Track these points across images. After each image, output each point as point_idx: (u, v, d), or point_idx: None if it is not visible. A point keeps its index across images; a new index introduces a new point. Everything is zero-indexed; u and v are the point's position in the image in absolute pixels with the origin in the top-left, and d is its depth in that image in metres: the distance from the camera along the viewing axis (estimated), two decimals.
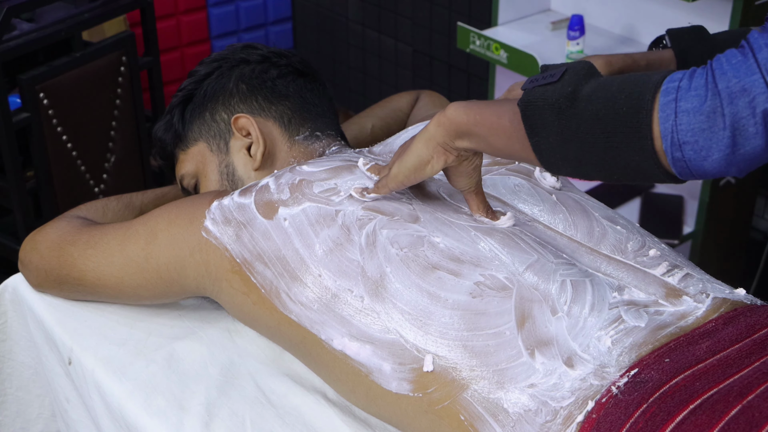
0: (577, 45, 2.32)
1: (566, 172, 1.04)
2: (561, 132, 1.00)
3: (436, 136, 1.14)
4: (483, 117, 1.09)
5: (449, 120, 1.12)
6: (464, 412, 1.08)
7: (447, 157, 1.15)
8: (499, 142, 1.08)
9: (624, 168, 0.98)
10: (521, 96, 1.04)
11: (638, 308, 1.12)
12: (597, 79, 1.00)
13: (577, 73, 1.01)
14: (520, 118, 1.04)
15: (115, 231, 1.33)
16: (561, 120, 1.00)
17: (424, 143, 1.15)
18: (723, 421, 0.96)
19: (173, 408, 1.26)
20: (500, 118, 1.07)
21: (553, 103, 1.00)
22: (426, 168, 1.16)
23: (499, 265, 1.15)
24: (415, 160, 1.16)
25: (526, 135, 1.04)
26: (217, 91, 1.44)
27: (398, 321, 1.13)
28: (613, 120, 0.97)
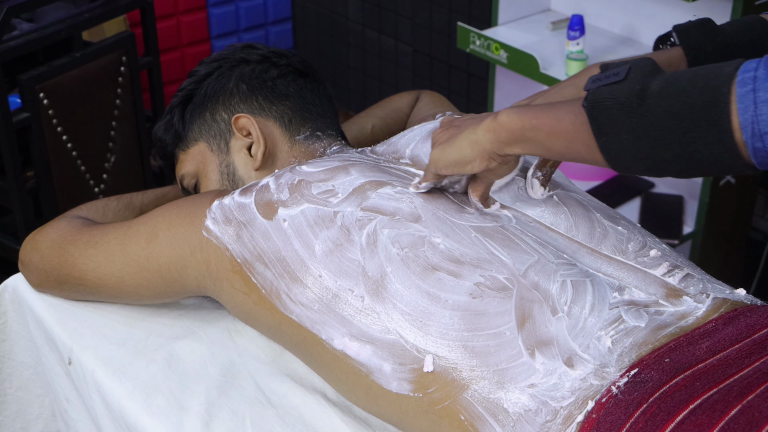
0: (577, 45, 2.32)
1: (637, 171, 1.02)
2: (633, 130, 0.99)
3: (484, 142, 1.12)
4: (540, 121, 1.07)
5: (501, 126, 1.10)
6: (464, 412, 1.08)
7: (490, 162, 1.14)
8: (558, 145, 1.07)
9: (701, 162, 0.97)
10: (585, 96, 1.02)
11: (638, 308, 1.12)
12: (663, 75, 0.99)
13: (642, 70, 1.00)
14: (584, 120, 1.03)
15: (115, 230, 1.33)
16: (632, 118, 0.99)
17: (469, 144, 1.14)
18: (723, 421, 0.96)
19: (173, 408, 1.26)
20: (560, 121, 1.06)
21: (623, 102, 0.99)
22: (466, 167, 1.16)
23: (500, 266, 1.15)
24: (456, 156, 1.16)
25: (591, 136, 1.02)
26: (217, 91, 1.44)
27: (398, 321, 1.13)
28: (689, 115, 0.95)
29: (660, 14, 2.41)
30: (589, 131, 1.02)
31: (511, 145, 1.11)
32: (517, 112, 1.09)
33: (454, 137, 1.16)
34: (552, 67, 2.34)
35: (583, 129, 1.03)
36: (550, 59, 2.37)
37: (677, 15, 2.35)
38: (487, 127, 1.11)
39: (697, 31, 1.27)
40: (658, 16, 2.42)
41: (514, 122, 1.09)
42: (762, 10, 2.04)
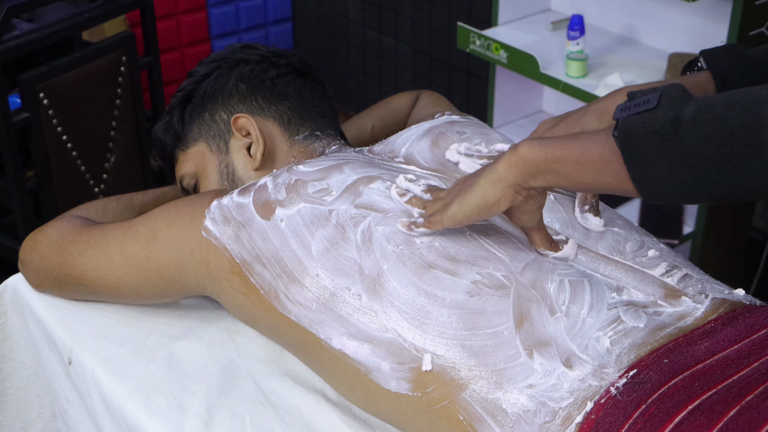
0: (577, 45, 2.32)
1: (671, 199, 1.00)
2: (668, 159, 0.96)
3: (507, 177, 1.08)
4: (564, 152, 1.04)
5: (523, 159, 1.07)
6: (463, 412, 1.08)
7: (515, 198, 1.10)
8: (585, 176, 1.04)
9: (741, 188, 0.95)
10: (615, 125, 0.99)
11: (637, 309, 1.12)
12: (696, 101, 0.97)
13: (674, 96, 0.98)
14: (613, 149, 1.00)
15: (115, 230, 1.33)
16: (667, 146, 0.96)
17: (491, 184, 1.10)
18: (722, 422, 0.96)
19: (173, 408, 1.26)
20: (586, 151, 1.03)
21: (656, 130, 0.96)
22: (491, 210, 1.11)
23: (497, 264, 1.15)
24: (479, 201, 1.11)
25: (621, 166, 1.00)
26: (216, 91, 1.44)
27: (396, 320, 1.13)
28: (727, 141, 0.94)
29: (660, 14, 2.41)
30: (619, 161, 1.00)
31: (535, 177, 1.07)
32: (539, 144, 1.06)
33: (471, 185, 1.12)
34: (552, 67, 2.34)
35: (612, 159, 1.00)
36: (550, 59, 2.37)
37: (677, 15, 2.35)
38: (508, 161, 1.08)
39: (725, 56, 1.25)
40: (658, 16, 2.42)
41: (537, 154, 1.06)
42: (762, 10, 2.04)
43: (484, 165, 1.16)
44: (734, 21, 2.03)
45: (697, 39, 2.32)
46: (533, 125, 2.71)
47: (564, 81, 2.29)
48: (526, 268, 1.15)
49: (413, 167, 1.34)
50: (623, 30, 2.51)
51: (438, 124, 1.41)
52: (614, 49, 2.44)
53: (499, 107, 2.65)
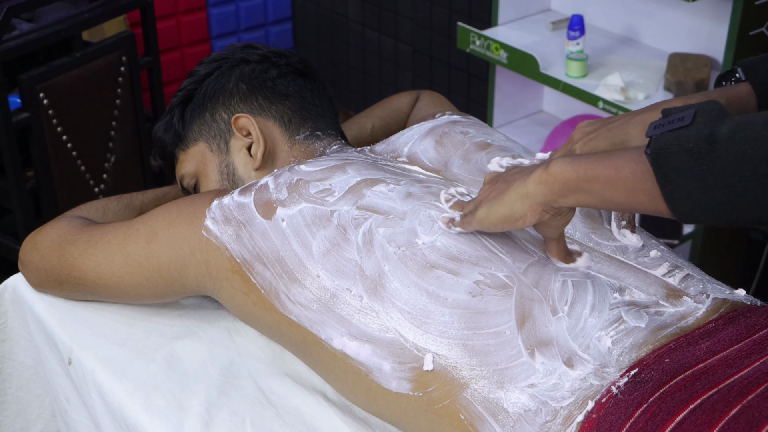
0: (577, 45, 2.32)
1: (705, 220, 0.97)
2: (702, 178, 0.93)
3: (536, 194, 1.07)
4: (596, 171, 1.02)
5: (554, 178, 1.05)
6: (464, 412, 1.08)
7: (542, 215, 1.08)
8: (617, 196, 1.01)
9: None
10: (648, 143, 0.97)
11: (639, 309, 1.12)
12: (732, 119, 0.94)
13: (710, 113, 0.95)
14: (646, 168, 0.97)
15: (115, 230, 1.33)
16: (701, 165, 0.93)
17: (519, 199, 1.08)
18: (723, 421, 0.96)
19: (173, 408, 1.26)
20: (619, 170, 1.00)
21: (690, 148, 0.93)
22: (516, 223, 1.10)
23: (499, 264, 1.15)
24: (506, 212, 1.10)
25: (654, 185, 0.97)
26: (217, 91, 1.44)
27: (397, 320, 1.13)
28: (765, 160, 0.90)
29: (660, 14, 2.41)
30: (652, 180, 0.97)
31: (566, 196, 1.05)
32: (570, 162, 1.04)
33: (502, 193, 1.11)
34: (552, 67, 2.34)
35: (645, 178, 0.98)
36: (550, 59, 2.37)
37: (677, 15, 2.35)
38: (539, 178, 1.06)
39: (763, 66, 1.21)
40: (658, 16, 2.42)
41: (568, 173, 1.04)
42: (762, 10, 2.04)
43: (521, 169, 1.14)
44: (734, 21, 2.03)
45: (697, 39, 2.32)
46: (533, 125, 2.71)
47: (564, 81, 2.29)
48: (529, 268, 1.14)
49: (417, 167, 1.34)
50: (623, 30, 2.51)
51: (440, 123, 1.41)
52: (614, 49, 2.44)
53: (499, 107, 2.65)
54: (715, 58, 2.28)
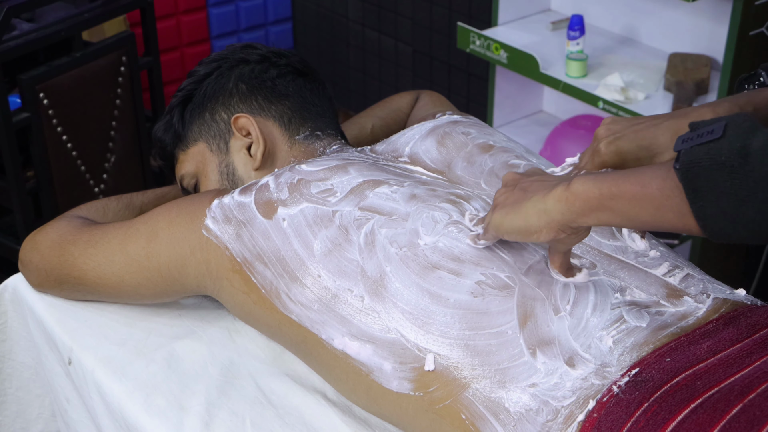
0: (577, 45, 2.32)
1: (737, 237, 0.93)
2: (735, 193, 0.89)
3: (554, 212, 1.03)
4: (621, 189, 0.98)
5: (576, 196, 1.01)
6: (465, 411, 1.08)
7: (558, 234, 1.05)
8: (643, 213, 0.97)
9: None
10: (677, 157, 0.93)
11: (640, 309, 1.12)
12: (764, 131, 0.92)
13: (741, 126, 0.91)
14: (674, 184, 0.93)
15: (115, 230, 1.33)
16: (734, 180, 0.89)
17: (536, 214, 1.05)
18: (724, 420, 0.96)
19: (173, 408, 1.26)
20: (645, 187, 0.96)
21: (723, 161, 0.89)
22: (530, 237, 1.07)
23: (501, 264, 1.15)
24: (521, 225, 1.07)
25: (683, 201, 0.93)
26: (216, 91, 1.44)
27: (399, 320, 1.13)
28: None
29: (660, 14, 2.41)
30: (681, 196, 0.93)
31: (587, 215, 1.01)
32: (593, 180, 1.00)
33: (520, 203, 1.07)
34: (552, 67, 2.34)
35: (673, 194, 0.94)
36: (550, 59, 2.37)
37: (677, 15, 2.35)
38: (559, 196, 1.02)
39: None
40: (658, 16, 2.42)
41: (591, 190, 1.00)
42: (762, 10, 2.04)
43: (542, 178, 1.10)
44: (734, 21, 2.03)
45: (697, 39, 2.32)
46: (533, 125, 2.71)
47: (564, 81, 2.29)
48: (531, 269, 1.14)
49: (419, 168, 1.34)
50: (623, 30, 2.51)
51: (441, 123, 1.41)
52: (614, 49, 2.44)
53: (499, 107, 2.65)
54: (715, 58, 2.28)
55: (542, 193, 1.05)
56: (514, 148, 1.37)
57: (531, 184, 1.09)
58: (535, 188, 1.07)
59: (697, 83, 2.19)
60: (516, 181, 1.12)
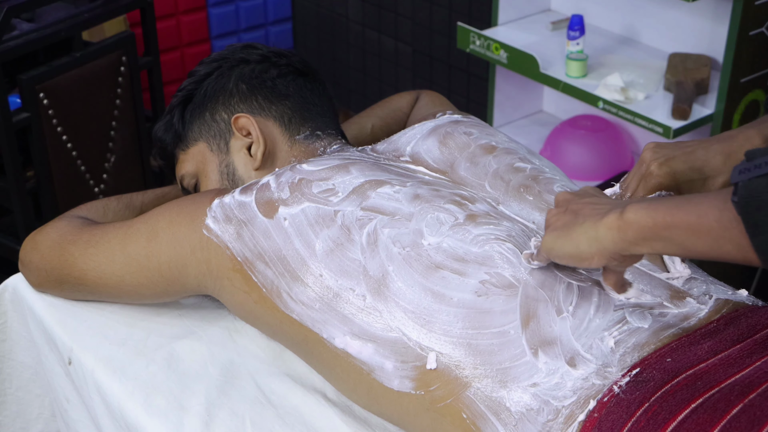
0: (577, 45, 2.32)
1: None
2: None
3: (606, 240, 1.01)
4: (676, 218, 0.96)
5: (629, 225, 0.99)
6: (467, 410, 1.08)
7: (610, 261, 1.03)
8: (700, 244, 0.95)
9: None
10: (735, 190, 0.91)
11: (643, 310, 1.12)
12: None
13: None
14: (733, 216, 0.91)
15: (116, 230, 1.33)
16: None
17: (587, 242, 1.03)
18: (725, 420, 0.96)
19: (173, 408, 1.26)
20: (701, 217, 0.94)
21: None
22: (582, 263, 1.05)
23: (505, 264, 1.14)
24: (572, 251, 1.05)
25: (742, 234, 0.91)
26: (217, 91, 1.44)
27: (401, 319, 1.13)
28: None
29: (660, 14, 2.41)
30: (740, 228, 0.91)
31: (640, 244, 0.99)
32: (646, 208, 0.98)
33: (571, 227, 1.05)
34: (552, 67, 2.34)
35: (732, 226, 0.92)
36: (550, 59, 2.37)
37: (677, 15, 2.35)
38: (611, 224, 1.00)
39: None
40: (658, 16, 2.42)
41: (645, 220, 0.98)
42: (762, 10, 2.04)
43: (594, 201, 1.08)
44: (734, 21, 2.03)
45: (697, 39, 2.32)
46: (533, 125, 2.71)
47: (564, 81, 2.29)
48: (535, 269, 1.14)
49: (421, 167, 1.34)
50: (623, 30, 2.51)
51: (442, 123, 1.41)
52: (614, 49, 2.44)
53: (499, 107, 2.65)
54: (715, 58, 2.28)
55: (594, 219, 1.03)
56: (517, 149, 1.37)
57: (583, 208, 1.06)
58: (587, 213, 1.05)
59: (697, 83, 2.19)
60: (568, 202, 1.10)
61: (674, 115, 2.13)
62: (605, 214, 1.02)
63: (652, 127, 2.13)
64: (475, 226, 1.19)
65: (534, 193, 1.29)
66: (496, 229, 1.19)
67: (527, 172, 1.32)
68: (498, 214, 1.23)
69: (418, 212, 1.20)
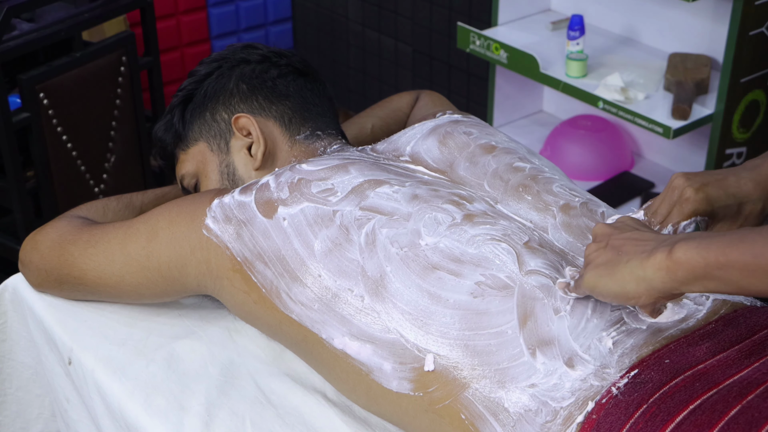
0: (577, 45, 2.32)
1: None
2: None
3: (655, 281, 0.98)
4: (730, 258, 0.93)
5: (679, 265, 0.96)
6: (465, 411, 1.08)
7: (658, 300, 1.01)
8: (756, 283, 0.92)
9: None
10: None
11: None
12: None
13: None
14: None
15: (116, 230, 1.33)
16: None
17: (635, 281, 1.00)
18: (723, 421, 0.96)
19: (173, 408, 1.26)
20: (757, 257, 0.91)
21: None
22: (628, 302, 1.03)
23: (501, 266, 1.14)
24: (618, 291, 1.02)
25: None
26: (217, 91, 1.44)
27: (398, 321, 1.13)
28: None
29: (660, 14, 2.41)
30: None
31: (690, 284, 0.97)
32: (697, 247, 0.95)
33: (615, 266, 1.03)
34: (552, 67, 2.34)
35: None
36: (550, 59, 2.37)
37: (677, 15, 2.35)
38: (659, 264, 0.97)
39: None
40: (658, 16, 2.42)
41: (695, 259, 0.95)
42: (762, 10, 2.04)
43: (637, 236, 1.04)
44: (734, 21, 2.03)
45: (697, 39, 2.32)
46: (533, 125, 2.71)
47: (564, 81, 2.29)
48: (532, 270, 1.14)
49: (420, 167, 1.34)
50: (623, 30, 2.51)
51: (442, 123, 1.41)
52: (614, 49, 2.44)
53: (499, 107, 2.65)
54: (715, 58, 2.28)
55: (640, 258, 1.00)
56: (517, 149, 1.38)
57: (625, 244, 1.04)
58: (631, 251, 1.02)
59: (697, 83, 2.19)
60: (608, 236, 1.07)
61: (674, 115, 2.13)
62: (652, 252, 0.99)
63: (652, 127, 2.13)
64: (471, 226, 1.19)
65: (533, 192, 1.29)
66: (492, 228, 1.19)
67: (526, 171, 1.32)
68: (495, 213, 1.23)
69: (416, 212, 1.20)
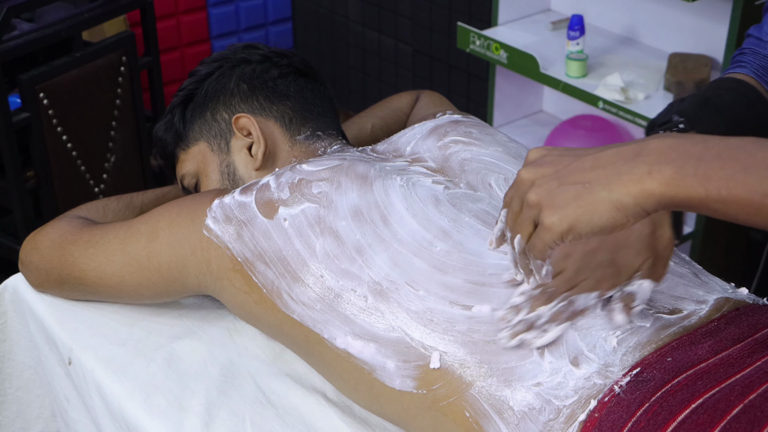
0: (577, 45, 2.32)
1: None
2: None
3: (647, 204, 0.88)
4: (733, 193, 0.85)
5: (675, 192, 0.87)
6: (470, 409, 1.08)
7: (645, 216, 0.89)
8: (759, 221, 0.86)
9: None
10: None
11: (644, 309, 1.12)
12: None
13: None
14: None
15: (116, 230, 1.33)
16: None
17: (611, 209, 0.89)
18: (725, 420, 0.96)
19: (173, 408, 1.26)
20: (765, 197, 0.84)
21: None
22: (615, 230, 0.90)
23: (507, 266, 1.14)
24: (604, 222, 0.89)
25: None
26: (218, 91, 1.44)
27: (404, 320, 1.13)
28: None
29: (660, 14, 2.41)
30: None
31: (683, 208, 0.89)
32: (694, 173, 0.86)
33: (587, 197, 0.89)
34: (552, 67, 2.34)
35: None
36: (550, 59, 2.37)
37: (677, 15, 2.35)
38: (642, 188, 0.87)
39: (703, 113, 1.18)
40: (658, 16, 2.42)
41: (694, 189, 0.86)
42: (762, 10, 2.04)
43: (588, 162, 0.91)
44: (734, 21, 2.03)
45: (697, 39, 2.32)
46: (533, 125, 2.71)
47: (564, 81, 2.29)
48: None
49: (421, 167, 1.34)
50: (623, 30, 2.51)
51: (442, 123, 1.41)
52: (614, 49, 2.44)
53: (499, 107, 2.65)
54: (715, 58, 2.28)
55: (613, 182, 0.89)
56: (516, 148, 1.38)
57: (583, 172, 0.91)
58: (601, 177, 0.90)
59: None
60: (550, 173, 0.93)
61: None
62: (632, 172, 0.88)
63: None
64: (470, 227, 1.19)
65: None
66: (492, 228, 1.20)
67: None
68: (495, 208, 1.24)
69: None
